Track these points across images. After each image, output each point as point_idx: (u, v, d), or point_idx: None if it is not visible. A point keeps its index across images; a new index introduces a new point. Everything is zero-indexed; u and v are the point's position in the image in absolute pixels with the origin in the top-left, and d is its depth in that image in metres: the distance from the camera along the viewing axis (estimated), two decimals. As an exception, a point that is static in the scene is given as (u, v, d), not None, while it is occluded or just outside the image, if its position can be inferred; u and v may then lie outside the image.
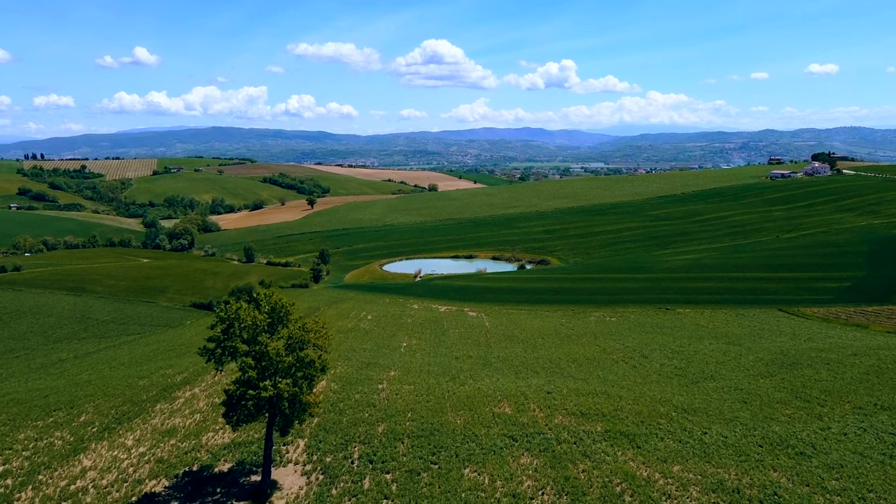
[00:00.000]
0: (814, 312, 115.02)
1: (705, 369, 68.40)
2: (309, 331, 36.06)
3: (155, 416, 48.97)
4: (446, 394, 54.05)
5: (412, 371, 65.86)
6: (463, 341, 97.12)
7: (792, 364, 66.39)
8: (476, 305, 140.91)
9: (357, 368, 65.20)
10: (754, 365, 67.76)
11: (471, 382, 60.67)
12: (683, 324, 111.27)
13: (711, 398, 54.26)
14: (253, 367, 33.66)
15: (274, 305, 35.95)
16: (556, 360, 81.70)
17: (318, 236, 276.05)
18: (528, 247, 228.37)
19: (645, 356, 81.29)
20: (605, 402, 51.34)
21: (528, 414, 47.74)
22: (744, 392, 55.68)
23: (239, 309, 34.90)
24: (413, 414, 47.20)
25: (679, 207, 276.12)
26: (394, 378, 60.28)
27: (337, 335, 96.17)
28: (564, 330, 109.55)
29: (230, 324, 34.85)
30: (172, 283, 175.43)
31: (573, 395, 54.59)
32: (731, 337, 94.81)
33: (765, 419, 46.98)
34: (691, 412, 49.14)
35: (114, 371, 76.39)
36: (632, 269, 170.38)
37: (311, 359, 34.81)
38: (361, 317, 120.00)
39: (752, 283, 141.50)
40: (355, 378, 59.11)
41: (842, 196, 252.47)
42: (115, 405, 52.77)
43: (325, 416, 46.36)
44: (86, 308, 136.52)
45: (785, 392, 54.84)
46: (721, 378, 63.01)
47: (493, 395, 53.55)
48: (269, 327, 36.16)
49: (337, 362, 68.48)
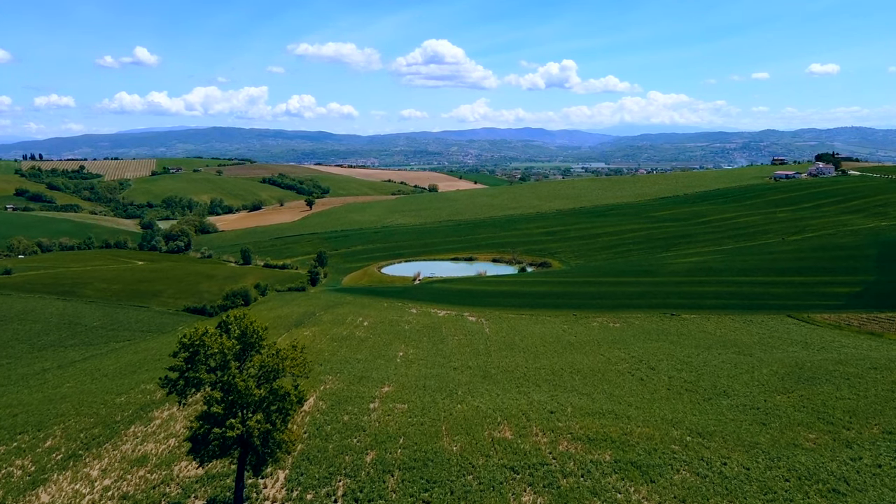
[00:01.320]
0: (824, 319, 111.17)
1: (717, 383, 64.66)
2: (284, 358, 32.38)
3: (126, 441, 45.28)
4: (442, 414, 50.37)
5: (407, 386, 62.18)
6: (462, 350, 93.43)
7: (809, 379, 62.63)
8: (476, 310, 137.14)
9: (349, 383, 61.53)
10: (769, 379, 64.00)
11: (469, 399, 57.01)
12: (690, 331, 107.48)
13: (727, 418, 50.52)
14: (219, 401, 30.06)
15: (244, 330, 32.30)
16: (558, 372, 78.01)
17: (316, 238, 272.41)
18: (528, 249, 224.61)
19: (652, 367, 77.58)
20: (613, 425, 47.64)
21: (529, 439, 44.05)
22: (761, 412, 51.94)
23: (204, 335, 31.28)
24: (405, 440, 43.50)
25: (682, 209, 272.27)
26: (387, 395, 56.60)
27: (331, 344, 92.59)
28: (567, 337, 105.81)
29: (195, 351, 31.22)
30: (166, 286, 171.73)
31: (578, 415, 50.91)
32: (740, 346, 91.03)
33: (787, 445, 43.25)
34: (707, 436, 45.41)
35: (94, 384, 72.74)
36: (635, 273, 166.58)
37: (285, 391, 31.18)
38: (357, 323, 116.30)
39: (760, 288, 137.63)
40: (346, 395, 55.42)
41: (847, 197, 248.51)
42: (86, 427, 49.11)
43: (311, 441, 42.70)
44: (75, 313, 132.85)
45: (806, 412, 51.09)
46: (735, 394, 59.27)
47: (493, 415, 49.87)
48: (240, 354, 32.53)
49: (328, 376, 64.86)
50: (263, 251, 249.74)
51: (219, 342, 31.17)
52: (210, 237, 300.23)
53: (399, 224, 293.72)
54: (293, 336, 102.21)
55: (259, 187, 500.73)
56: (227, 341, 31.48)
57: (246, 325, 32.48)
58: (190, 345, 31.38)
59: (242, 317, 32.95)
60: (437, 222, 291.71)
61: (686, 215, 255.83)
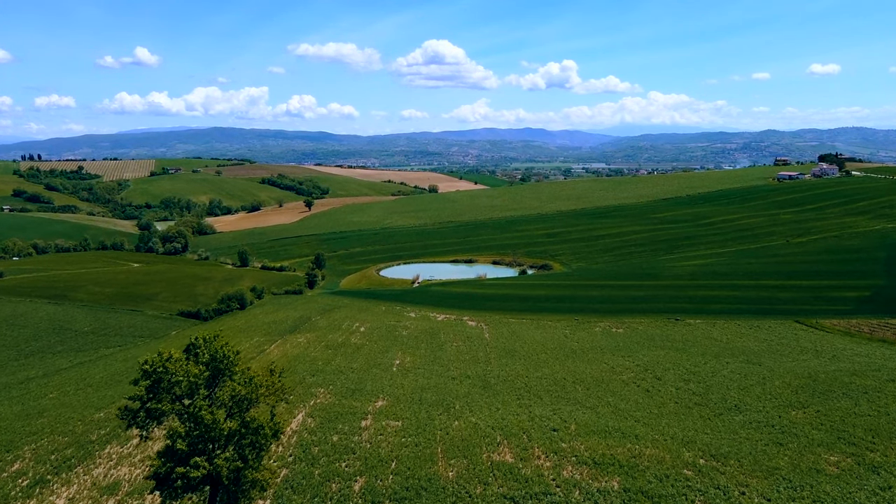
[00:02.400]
0: (834, 325, 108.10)
1: (727, 396, 61.64)
2: (258, 385, 29.41)
3: (100, 464, 42.32)
4: (438, 433, 47.40)
5: (402, 399, 59.19)
6: (461, 357, 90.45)
7: (825, 392, 59.61)
8: (476, 314, 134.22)
9: (341, 396, 58.56)
10: (782, 392, 60.97)
11: (467, 415, 54.03)
12: (695, 337, 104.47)
13: (741, 437, 47.49)
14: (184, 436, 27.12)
15: (214, 354, 29.32)
16: (560, 382, 75.01)
17: (314, 239, 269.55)
18: (529, 251, 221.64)
19: (658, 377, 74.57)
20: (620, 445, 44.64)
21: (531, 463, 41.05)
22: (777, 430, 48.91)
23: (168, 361, 28.33)
24: (398, 464, 40.52)
25: (684, 210, 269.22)
26: (380, 410, 53.61)
27: (325, 352, 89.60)
28: (569, 343, 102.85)
29: (157, 379, 28.27)
30: (161, 289, 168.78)
31: (583, 434, 47.92)
32: (748, 354, 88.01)
33: (809, 471, 40.23)
34: (721, 459, 42.40)
35: (77, 395, 69.80)
36: (638, 276, 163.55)
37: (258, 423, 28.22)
38: (354, 329, 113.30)
39: (766, 292, 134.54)
40: (336, 411, 52.43)
41: (852, 199, 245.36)
42: (59, 448, 46.15)
43: (296, 466, 39.74)
44: (66, 318, 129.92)
45: (824, 431, 48.05)
46: (747, 409, 56.25)
47: (492, 434, 46.88)
48: (209, 381, 29.57)
49: (319, 388, 61.89)
50: (261, 253, 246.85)
51: (185, 368, 28.25)
52: (208, 238, 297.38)
53: (398, 225, 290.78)
54: (287, 343, 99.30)
55: (258, 188, 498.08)
56: (193, 368, 28.58)
57: (216, 349, 29.53)
58: (152, 372, 28.46)
59: (212, 339, 29.99)
60: (436, 223, 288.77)
61: (689, 217, 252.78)
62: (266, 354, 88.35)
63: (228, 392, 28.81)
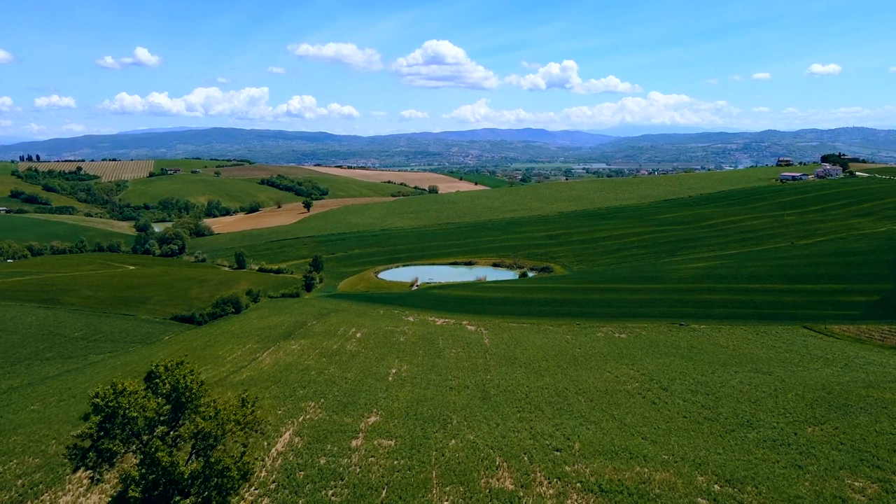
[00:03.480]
0: (843, 331, 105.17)
1: (738, 411, 58.70)
2: (226, 421, 26.46)
3: (69, 491, 39.36)
4: (433, 453, 44.48)
5: (396, 414, 56.28)
6: (459, 365, 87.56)
7: (841, 406, 56.67)
8: (475, 318, 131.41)
9: (332, 411, 55.63)
10: (796, 406, 58.04)
11: (464, 432, 51.11)
12: (701, 343, 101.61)
13: (756, 458, 44.54)
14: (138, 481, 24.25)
15: (176, 385, 26.38)
16: (562, 392, 72.09)
17: (312, 241, 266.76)
18: (529, 253, 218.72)
19: (664, 388, 71.65)
20: (628, 468, 41.72)
21: (533, 490, 38.15)
22: (794, 450, 45.97)
23: (122, 394, 25.37)
24: (388, 492, 37.61)
25: (686, 211, 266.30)
26: (373, 428, 50.68)
27: (319, 360, 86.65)
28: (571, 349, 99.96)
29: (111, 414, 25.33)
30: (155, 292, 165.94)
31: (588, 454, 45.00)
32: (756, 362, 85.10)
33: (833, 498, 37.33)
34: (737, 484, 39.48)
35: (59, 408, 66.95)
36: (640, 279, 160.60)
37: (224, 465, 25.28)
38: (350, 335, 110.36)
39: (771, 296, 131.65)
40: (326, 429, 49.49)
41: (857, 200, 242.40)
42: (28, 471, 43.20)
43: (278, 493, 36.81)
44: (56, 323, 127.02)
45: (845, 451, 45.12)
46: (760, 425, 53.29)
47: (490, 455, 43.98)
48: (171, 415, 26.65)
49: (310, 402, 58.96)
50: (259, 255, 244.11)
51: (142, 402, 25.29)
52: (205, 240, 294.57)
53: (398, 227, 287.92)
54: (281, 350, 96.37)
55: (257, 189, 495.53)
56: (151, 401, 25.65)
57: (178, 379, 26.58)
58: (103, 406, 25.51)
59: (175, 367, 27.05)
60: (436, 225, 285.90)
61: (691, 218, 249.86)
62: (258, 363, 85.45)
63: (191, 429, 25.83)
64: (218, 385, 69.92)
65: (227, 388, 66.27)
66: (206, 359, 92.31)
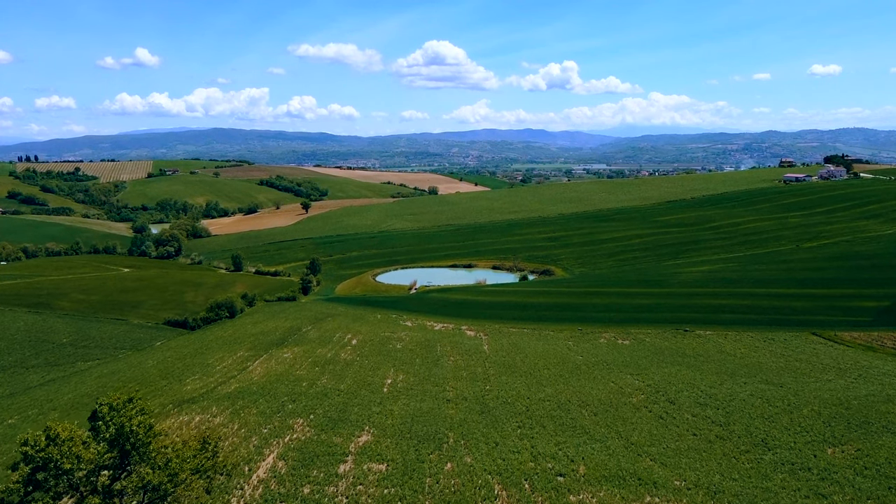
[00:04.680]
0: (854, 338, 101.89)
1: (751, 427, 55.52)
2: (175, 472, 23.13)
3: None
4: (427, 479, 41.34)
5: (389, 432, 53.14)
6: (458, 374, 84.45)
7: (861, 425, 53.50)
8: (474, 323, 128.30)
9: (320, 429, 52.47)
10: (813, 424, 54.85)
11: (461, 453, 47.98)
12: (707, 351, 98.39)
13: (775, 486, 41.37)
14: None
15: (120, 429, 22.99)
16: (565, 405, 68.97)
17: (310, 243, 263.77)
18: (530, 255, 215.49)
19: (671, 401, 68.47)
20: (638, 498, 38.61)
21: (534, 524, 35.01)
22: (815, 475, 42.81)
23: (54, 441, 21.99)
24: (376, 527, 34.51)
25: (689, 213, 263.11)
26: (364, 448, 47.53)
27: (311, 370, 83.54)
28: (573, 357, 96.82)
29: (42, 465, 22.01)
30: (149, 296, 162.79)
31: (593, 480, 41.86)
32: (766, 372, 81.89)
33: (862, 535, 34.15)
34: (756, 516, 36.30)
35: (38, 422, 63.78)
36: (643, 283, 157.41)
37: (175, 523, 22.07)
38: (345, 341, 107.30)
39: (778, 301, 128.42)
40: (313, 450, 46.32)
41: (863, 201, 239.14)
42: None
43: (256, 528, 33.73)
44: (44, 328, 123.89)
45: (871, 478, 41.94)
46: (776, 445, 50.10)
47: (488, 482, 40.86)
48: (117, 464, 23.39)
49: (298, 419, 55.81)
50: (256, 257, 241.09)
51: (74, 453, 21.93)
52: (202, 242, 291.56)
53: (396, 229, 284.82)
54: (272, 358, 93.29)
55: (256, 189, 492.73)
56: (89, 451, 22.33)
57: (123, 422, 23.11)
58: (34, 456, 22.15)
59: (122, 406, 23.63)
60: (435, 227, 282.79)
61: (694, 220, 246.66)
62: (248, 372, 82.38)
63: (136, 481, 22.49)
64: (204, 398, 66.89)
65: (212, 402, 63.19)
66: (195, 367, 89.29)
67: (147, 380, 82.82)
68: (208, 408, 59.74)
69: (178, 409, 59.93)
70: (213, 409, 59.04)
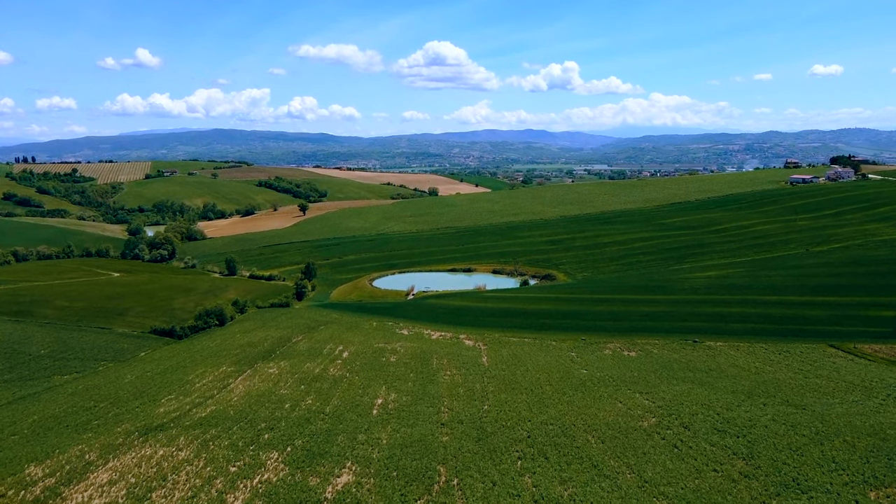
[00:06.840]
0: (875, 351, 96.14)
1: (779, 462, 49.77)
2: None
3: None
4: (412, 535, 35.65)
5: (374, 470, 47.43)
6: (454, 392, 78.88)
7: (903, 459, 47.69)
8: (473, 332, 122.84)
9: (296, 466, 46.79)
10: (848, 458, 49.11)
11: (453, 497, 42.29)
12: (719, 365, 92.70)
13: (814, 542, 35.62)
14: None
15: None
16: (569, 429, 63.33)
17: (307, 246, 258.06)
18: (531, 259, 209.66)
19: (686, 426, 62.77)
20: (658, 562, 32.82)
21: None
22: (860, 529, 37.08)
23: None
24: None
25: (694, 215, 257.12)
26: (342, 493, 41.85)
27: (296, 389, 77.86)
28: (576, 370, 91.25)
29: None
30: (136, 303, 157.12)
31: (604, 535, 36.11)
32: (786, 391, 76.15)
33: None
34: (800, 589, 30.59)
35: None
36: (648, 289, 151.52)
37: None
38: (336, 353, 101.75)
39: (791, 310, 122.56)
40: (284, 496, 40.62)
41: (873, 204, 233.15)
42: None
43: None
44: (22, 339, 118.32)
45: (927, 533, 36.21)
46: (811, 486, 44.36)
47: (484, 539, 35.11)
48: None
49: (272, 452, 50.10)
50: (251, 260, 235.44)
51: None
52: (197, 245, 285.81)
53: (395, 231, 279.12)
54: (257, 374, 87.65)
55: (254, 191, 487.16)
56: None
57: None
58: None
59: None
60: (435, 229, 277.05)
61: (699, 223, 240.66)
62: (228, 392, 76.68)
63: None
64: (175, 424, 61.20)
65: (182, 431, 57.49)
66: (172, 385, 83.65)
67: (120, 399, 77.19)
68: (175, 438, 54.05)
69: (143, 440, 54.23)
70: (181, 439, 53.35)
